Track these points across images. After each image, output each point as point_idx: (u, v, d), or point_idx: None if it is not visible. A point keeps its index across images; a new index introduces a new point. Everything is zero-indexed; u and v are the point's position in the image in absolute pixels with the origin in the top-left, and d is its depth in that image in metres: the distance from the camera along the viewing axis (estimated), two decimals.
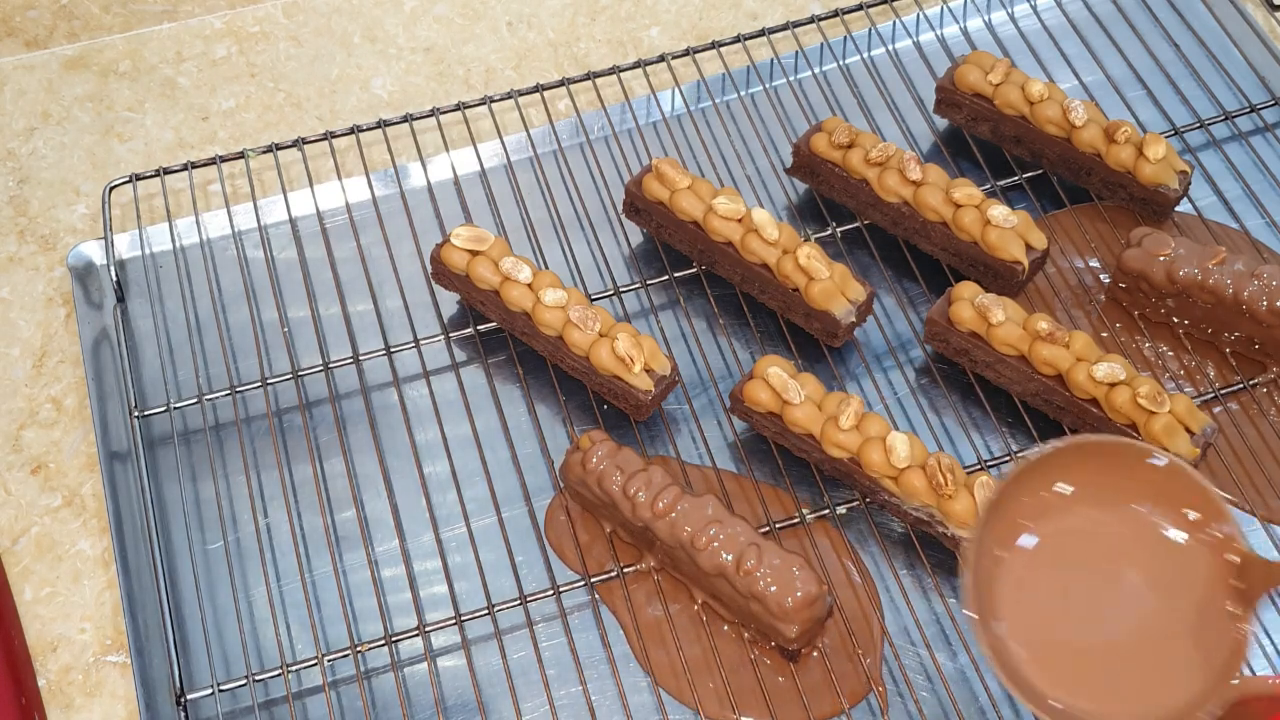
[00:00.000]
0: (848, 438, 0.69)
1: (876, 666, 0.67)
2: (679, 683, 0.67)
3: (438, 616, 0.69)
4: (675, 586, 0.70)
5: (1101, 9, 0.94)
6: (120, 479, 0.74)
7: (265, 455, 0.75)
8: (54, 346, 0.80)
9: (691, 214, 0.78)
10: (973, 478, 0.68)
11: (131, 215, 0.84)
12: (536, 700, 0.67)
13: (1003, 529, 0.57)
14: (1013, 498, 0.57)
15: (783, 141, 0.88)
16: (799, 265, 0.75)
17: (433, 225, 0.82)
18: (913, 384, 0.78)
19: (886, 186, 0.79)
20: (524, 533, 0.72)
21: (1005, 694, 0.67)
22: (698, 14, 0.96)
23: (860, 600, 0.70)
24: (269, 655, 0.69)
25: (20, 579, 0.72)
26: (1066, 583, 0.56)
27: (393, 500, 0.72)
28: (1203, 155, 0.87)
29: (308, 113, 0.91)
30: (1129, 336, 0.78)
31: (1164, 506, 0.56)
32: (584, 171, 0.86)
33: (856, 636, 0.68)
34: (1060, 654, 0.55)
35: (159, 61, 0.93)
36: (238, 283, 0.81)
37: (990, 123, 0.85)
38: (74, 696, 0.68)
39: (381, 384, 0.78)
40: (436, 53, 0.94)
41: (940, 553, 0.71)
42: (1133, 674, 0.55)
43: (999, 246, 0.76)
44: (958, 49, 0.92)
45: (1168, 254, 0.76)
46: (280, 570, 0.71)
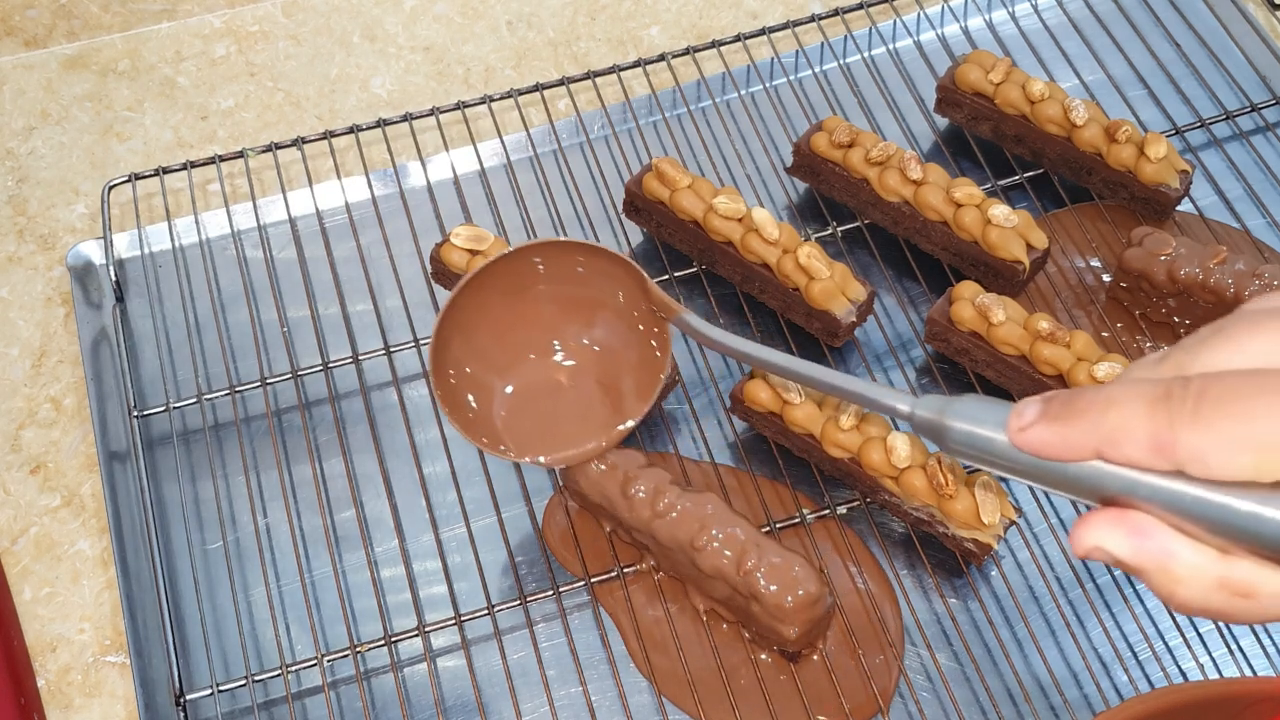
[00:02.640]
0: (848, 437, 0.69)
1: (891, 669, 0.67)
2: (680, 687, 0.67)
3: (437, 617, 0.69)
4: (675, 587, 0.70)
5: (1102, 8, 0.94)
6: (120, 479, 0.74)
7: (265, 455, 0.75)
8: (53, 346, 0.80)
9: (691, 213, 0.78)
10: (973, 477, 0.68)
11: (130, 215, 0.84)
12: (536, 700, 0.67)
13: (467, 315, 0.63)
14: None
15: (783, 141, 0.88)
16: (799, 265, 0.74)
17: (432, 225, 0.82)
18: (913, 384, 0.78)
19: (887, 186, 0.79)
20: (524, 533, 0.72)
21: (1005, 694, 0.67)
22: (698, 13, 0.96)
23: (874, 601, 0.69)
24: (268, 656, 0.69)
25: (19, 579, 0.72)
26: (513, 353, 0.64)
27: (392, 500, 0.72)
28: (1204, 155, 0.87)
29: (307, 112, 0.91)
30: (1130, 336, 0.78)
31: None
32: (584, 171, 0.86)
33: (871, 637, 0.68)
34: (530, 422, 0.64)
35: (158, 61, 0.93)
36: (237, 282, 0.81)
37: (991, 122, 0.85)
38: (73, 697, 0.68)
39: (381, 384, 0.78)
40: (436, 52, 0.94)
41: (940, 552, 0.71)
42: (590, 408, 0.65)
43: (1000, 246, 0.76)
44: (958, 48, 0.92)
45: (1169, 253, 0.76)
46: (280, 570, 0.71)
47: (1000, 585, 0.70)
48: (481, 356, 0.63)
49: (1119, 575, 0.70)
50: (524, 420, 0.64)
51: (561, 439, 0.64)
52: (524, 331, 0.64)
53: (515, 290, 0.63)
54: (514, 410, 0.64)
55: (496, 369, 0.64)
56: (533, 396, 0.64)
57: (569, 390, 0.65)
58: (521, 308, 0.63)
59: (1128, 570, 0.37)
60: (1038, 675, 0.68)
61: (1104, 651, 0.68)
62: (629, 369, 0.64)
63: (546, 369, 0.65)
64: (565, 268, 0.62)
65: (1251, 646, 0.68)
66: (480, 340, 0.63)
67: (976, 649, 0.69)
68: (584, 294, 0.63)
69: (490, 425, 0.63)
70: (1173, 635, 0.69)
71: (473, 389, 0.63)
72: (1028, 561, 0.71)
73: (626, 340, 0.64)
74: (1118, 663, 0.68)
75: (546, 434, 0.64)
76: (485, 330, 0.63)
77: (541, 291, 0.63)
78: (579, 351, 0.65)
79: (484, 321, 0.63)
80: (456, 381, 0.63)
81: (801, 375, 0.54)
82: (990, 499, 0.67)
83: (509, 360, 0.64)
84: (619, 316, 0.63)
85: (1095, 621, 0.69)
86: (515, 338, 0.64)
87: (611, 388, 0.65)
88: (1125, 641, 0.69)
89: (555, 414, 0.64)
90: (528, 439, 0.64)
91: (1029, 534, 0.71)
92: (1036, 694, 0.67)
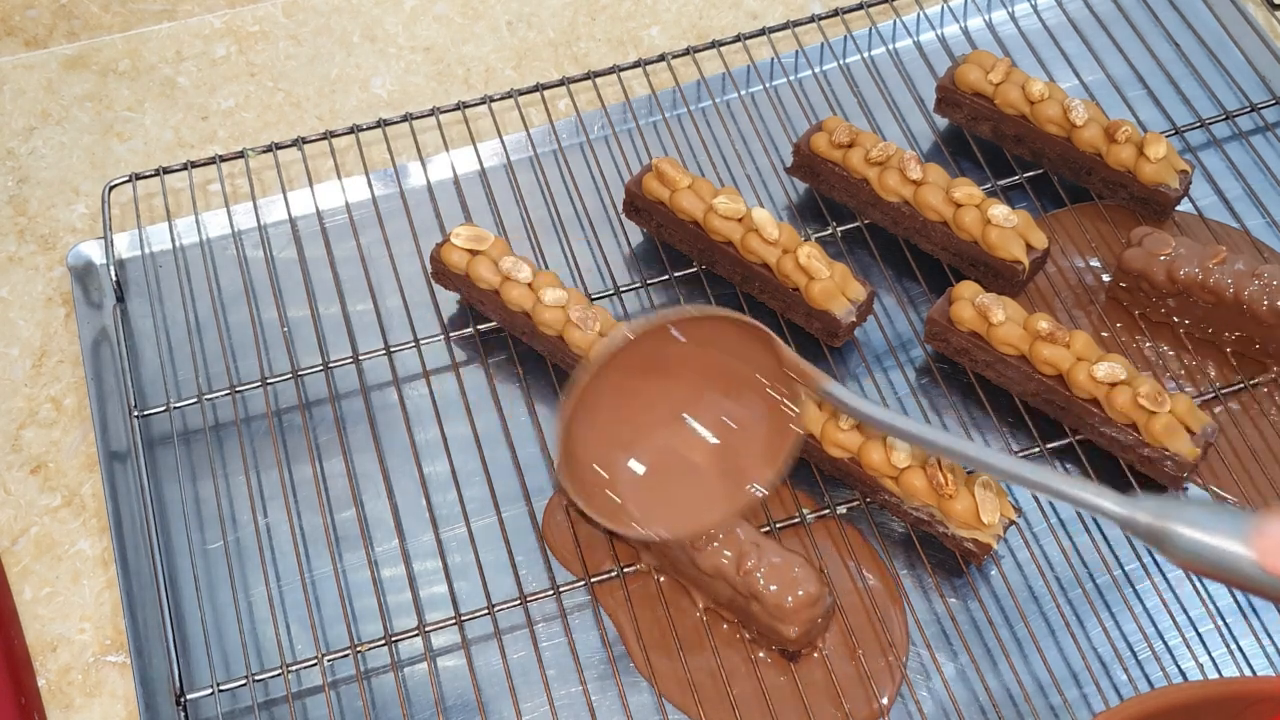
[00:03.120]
0: (848, 437, 0.69)
1: (894, 674, 0.67)
2: (679, 687, 0.67)
3: (438, 616, 0.69)
4: (675, 587, 0.70)
5: (1102, 8, 0.94)
6: (120, 479, 0.74)
7: (265, 455, 0.75)
8: (53, 346, 0.80)
9: (692, 213, 0.78)
10: (973, 477, 0.68)
11: (131, 215, 0.84)
12: (536, 700, 0.67)
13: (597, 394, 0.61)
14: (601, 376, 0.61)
15: (783, 141, 0.88)
16: (799, 265, 0.75)
17: (432, 225, 0.82)
18: (913, 384, 0.78)
19: (887, 186, 0.79)
20: (524, 533, 0.72)
21: (1005, 694, 0.67)
22: (698, 13, 0.96)
23: (877, 602, 0.69)
24: (269, 655, 0.69)
25: (20, 579, 0.72)
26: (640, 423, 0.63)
27: (392, 500, 0.72)
28: (1203, 155, 0.87)
29: (307, 112, 0.91)
30: (1129, 336, 0.78)
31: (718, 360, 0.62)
32: (584, 171, 0.86)
33: (872, 638, 0.68)
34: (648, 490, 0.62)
35: (158, 61, 0.93)
36: (237, 282, 0.81)
37: (991, 122, 0.85)
38: (74, 696, 0.68)
39: (381, 384, 0.78)
40: (436, 52, 0.94)
41: (940, 552, 0.71)
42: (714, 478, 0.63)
43: (999, 246, 0.76)
44: (958, 48, 0.92)
45: (1168, 253, 0.76)
46: (280, 570, 0.71)
47: (1000, 585, 0.71)
48: (607, 434, 0.62)
49: (1119, 575, 0.70)
50: (651, 493, 0.62)
51: (689, 509, 0.63)
52: (650, 406, 0.63)
53: (642, 366, 0.61)
54: (640, 485, 0.63)
55: (622, 444, 0.63)
56: (660, 469, 0.63)
57: (696, 459, 0.63)
58: (648, 383, 0.62)
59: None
60: (1037, 675, 0.68)
61: (1104, 651, 0.68)
62: (758, 434, 0.63)
63: (674, 441, 0.63)
64: (695, 338, 0.61)
65: (1251, 646, 0.68)
66: (604, 418, 0.61)
67: (976, 649, 0.69)
68: (714, 363, 0.62)
69: (616, 500, 0.62)
70: (1172, 635, 0.69)
71: (600, 466, 0.62)
72: (1027, 561, 0.71)
73: (755, 405, 0.62)
74: (1117, 663, 0.68)
75: (673, 505, 0.63)
76: (610, 408, 0.61)
77: (670, 365, 0.62)
78: (707, 420, 0.63)
79: (609, 400, 0.61)
80: (583, 462, 0.61)
81: (978, 461, 0.52)
82: (990, 499, 0.67)
83: (635, 435, 0.63)
84: (748, 383, 0.62)
85: (1095, 621, 0.69)
86: (641, 414, 0.62)
87: (739, 454, 0.63)
88: (1125, 641, 0.69)
89: (682, 485, 0.63)
90: (654, 511, 0.62)
91: (1029, 534, 0.72)
92: (1036, 694, 0.67)
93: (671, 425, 0.63)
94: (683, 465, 0.63)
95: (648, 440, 0.63)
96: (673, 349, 0.61)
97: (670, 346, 0.61)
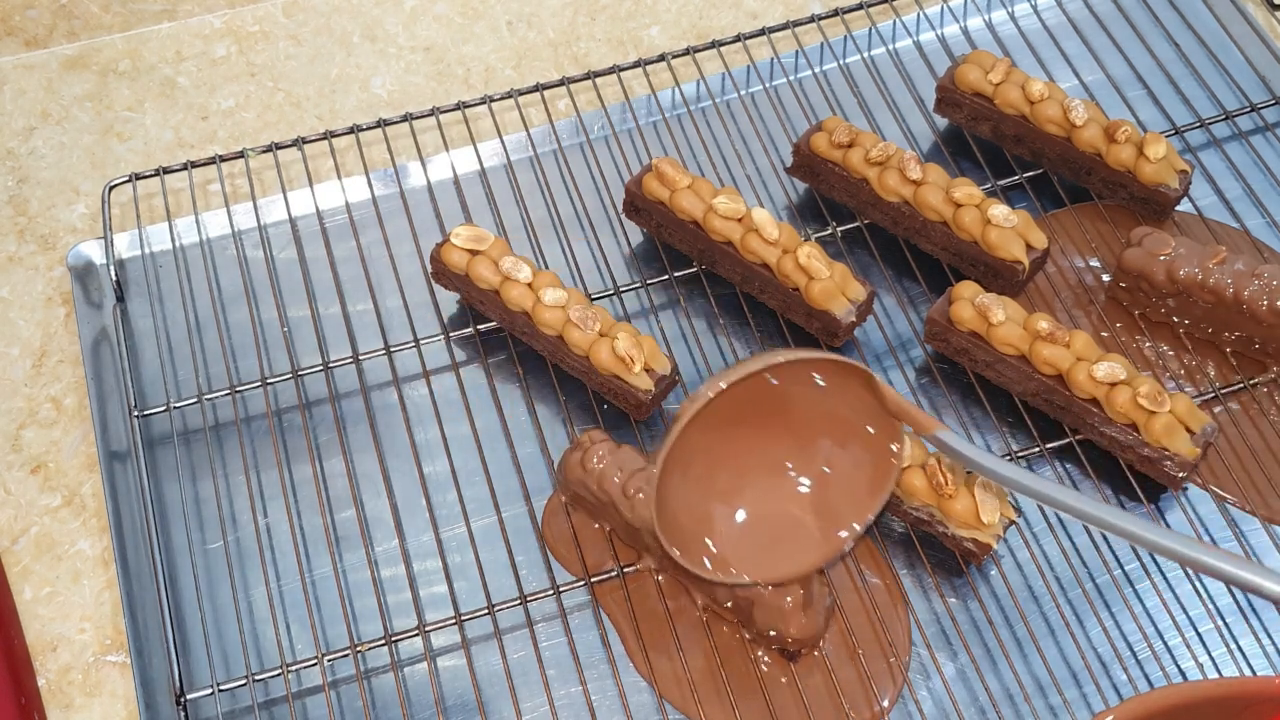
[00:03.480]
0: None
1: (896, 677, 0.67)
2: (679, 688, 0.67)
3: (437, 616, 0.69)
4: (675, 587, 0.70)
5: (1102, 8, 0.94)
6: (120, 479, 0.74)
7: (265, 455, 0.75)
8: (53, 346, 0.80)
9: (691, 213, 0.78)
10: (973, 477, 0.68)
11: (131, 215, 0.84)
12: (536, 700, 0.67)
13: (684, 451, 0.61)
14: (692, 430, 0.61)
15: (783, 141, 0.88)
16: (799, 265, 0.75)
17: (432, 225, 0.82)
18: (913, 384, 0.78)
19: (887, 186, 0.79)
20: (524, 532, 0.72)
21: (1005, 694, 0.67)
22: (698, 13, 0.96)
23: (879, 605, 0.69)
24: (269, 655, 0.69)
25: (20, 579, 0.72)
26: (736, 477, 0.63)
27: (392, 500, 0.72)
28: (1203, 155, 0.87)
29: (307, 112, 0.91)
30: (1129, 336, 0.78)
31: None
32: (584, 171, 0.86)
33: (872, 638, 0.68)
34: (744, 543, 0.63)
35: (158, 61, 0.93)
36: (237, 282, 0.81)
37: (990, 122, 0.85)
38: (74, 696, 0.68)
39: (381, 384, 0.78)
40: (436, 52, 0.94)
41: (940, 552, 0.71)
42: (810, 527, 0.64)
43: (999, 246, 0.76)
44: (958, 48, 0.92)
45: (1168, 253, 0.76)
46: (280, 570, 0.71)
47: (1000, 585, 0.71)
48: (701, 484, 0.62)
49: (1119, 575, 0.70)
50: (746, 541, 0.63)
51: (786, 555, 0.63)
52: (745, 454, 0.63)
53: (735, 414, 0.61)
54: (736, 533, 0.63)
55: (718, 494, 0.63)
56: (756, 517, 0.63)
57: (792, 506, 0.64)
58: (741, 430, 0.62)
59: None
60: (1037, 675, 0.68)
61: (1104, 651, 0.68)
62: (856, 476, 0.63)
63: (769, 488, 0.64)
64: (789, 384, 0.61)
65: (1251, 646, 0.68)
66: (698, 468, 0.62)
67: (976, 649, 0.69)
68: (812, 408, 0.62)
69: (712, 548, 0.63)
70: (1172, 635, 0.69)
71: (699, 518, 0.63)
72: (1027, 561, 0.71)
73: (853, 448, 0.63)
74: (1117, 662, 0.68)
75: (770, 552, 0.63)
76: (704, 458, 0.61)
77: (764, 410, 0.62)
78: (803, 467, 0.64)
79: (703, 449, 0.61)
80: (677, 513, 0.62)
81: (1121, 529, 0.53)
82: (990, 499, 0.67)
83: (730, 484, 0.63)
84: (849, 428, 0.62)
85: (1095, 621, 0.69)
86: (736, 461, 0.63)
87: (836, 498, 0.64)
88: (1125, 641, 0.69)
89: (779, 531, 0.63)
90: (751, 559, 0.63)
91: (1029, 534, 0.72)
92: (1036, 694, 0.67)
93: (767, 473, 0.63)
94: (779, 512, 0.63)
95: (743, 489, 0.63)
96: (767, 394, 0.61)
97: (765, 392, 0.61)
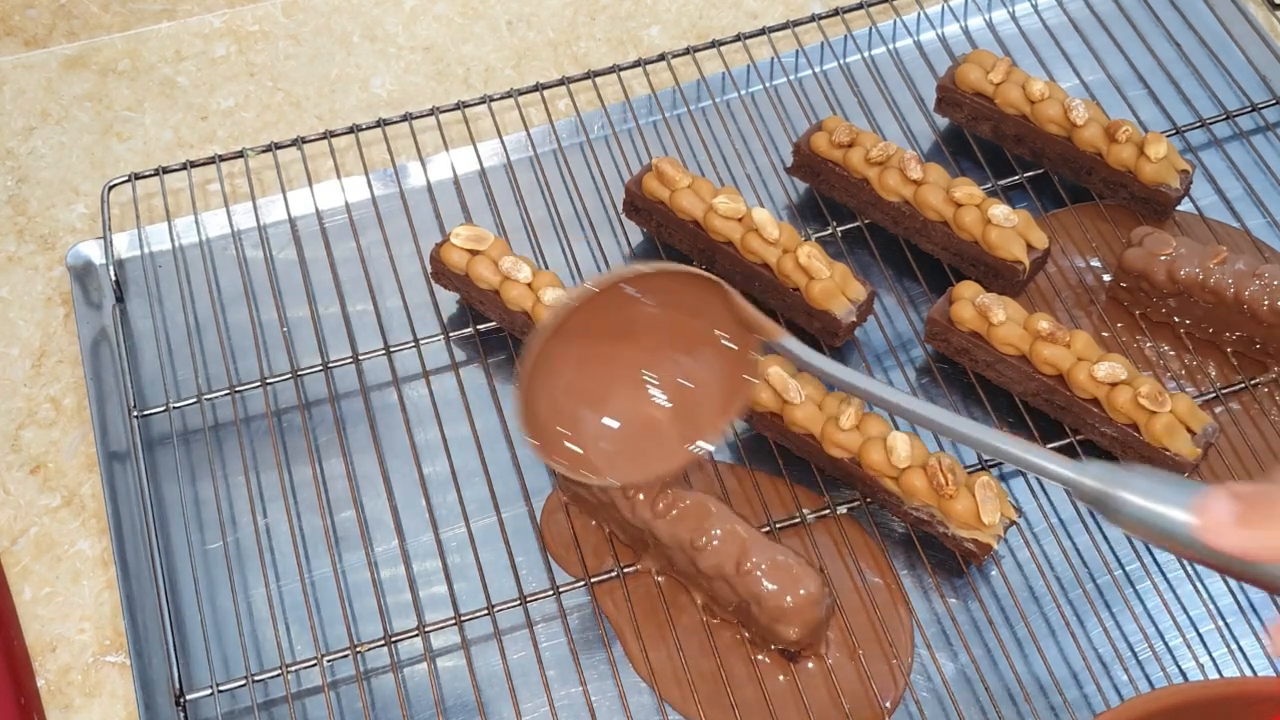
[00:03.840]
0: (848, 438, 0.69)
1: (898, 680, 0.67)
2: (679, 688, 0.67)
3: (437, 617, 0.69)
4: (675, 587, 0.70)
5: (1103, 8, 0.94)
6: (119, 479, 0.74)
7: (264, 455, 0.75)
8: (53, 346, 0.80)
9: (691, 213, 0.78)
10: (973, 478, 0.68)
11: (130, 215, 0.84)
12: (536, 700, 0.67)
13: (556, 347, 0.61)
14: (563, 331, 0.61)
15: (783, 141, 0.88)
16: (799, 265, 0.74)
17: (432, 225, 0.82)
18: (913, 384, 0.78)
19: (887, 186, 0.79)
20: (524, 533, 0.72)
21: (1005, 694, 0.67)
22: (698, 13, 0.96)
23: (880, 606, 0.69)
24: (268, 656, 0.69)
25: (20, 579, 0.72)
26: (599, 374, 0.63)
27: (392, 500, 0.72)
28: (1204, 154, 0.87)
29: (307, 112, 0.91)
30: (1130, 336, 0.78)
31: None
32: (584, 171, 0.86)
33: (873, 639, 0.68)
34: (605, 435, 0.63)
35: (158, 61, 0.93)
36: (237, 282, 0.81)
37: (991, 122, 0.85)
38: (73, 697, 0.68)
39: (381, 384, 0.78)
40: (436, 52, 0.94)
41: (940, 553, 0.71)
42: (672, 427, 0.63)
43: (1000, 246, 0.76)
44: (958, 48, 0.92)
45: (1169, 253, 0.76)
46: (280, 571, 0.71)
47: (1000, 585, 0.70)
48: (565, 388, 0.62)
49: (1119, 575, 0.70)
50: (608, 445, 0.63)
51: (645, 459, 0.63)
52: (608, 361, 0.63)
53: (600, 324, 0.61)
54: (598, 436, 0.63)
55: (581, 398, 0.63)
56: (617, 422, 0.63)
57: (652, 412, 0.63)
58: (605, 338, 0.62)
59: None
60: (1038, 675, 0.68)
61: (1104, 651, 0.68)
62: (714, 386, 0.63)
63: (631, 394, 0.64)
64: (651, 295, 0.61)
65: (1251, 646, 0.68)
66: (563, 373, 0.62)
67: (976, 649, 0.69)
68: (671, 319, 0.62)
69: (576, 451, 0.63)
70: (1173, 635, 0.69)
71: (559, 420, 0.62)
72: (1028, 561, 0.71)
73: (712, 360, 0.63)
74: (1118, 663, 0.68)
75: (630, 455, 0.63)
76: (568, 363, 0.62)
77: (626, 320, 0.62)
78: (664, 374, 0.64)
79: (567, 355, 0.61)
80: (543, 415, 0.62)
81: (928, 419, 0.52)
82: (990, 499, 0.67)
83: (593, 389, 0.63)
84: (706, 338, 0.62)
85: (1095, 621, 0.69)
86: (599, 368, 0.63)
87: (695, 406, 0.63)
88: (1125, 641, 0.69)
89: (639, 436, 0.63)
90: (612, 461, 0.63)
91: (1029, 534, 0.71)
92: (1036, 694, 0.67)
93: (629, 379, 0.63)
94: (639, 418, 0.63)
95: (605, 394, 0.63)
96: (628, 305, 0.61)
97: (626, 303, 0.61)
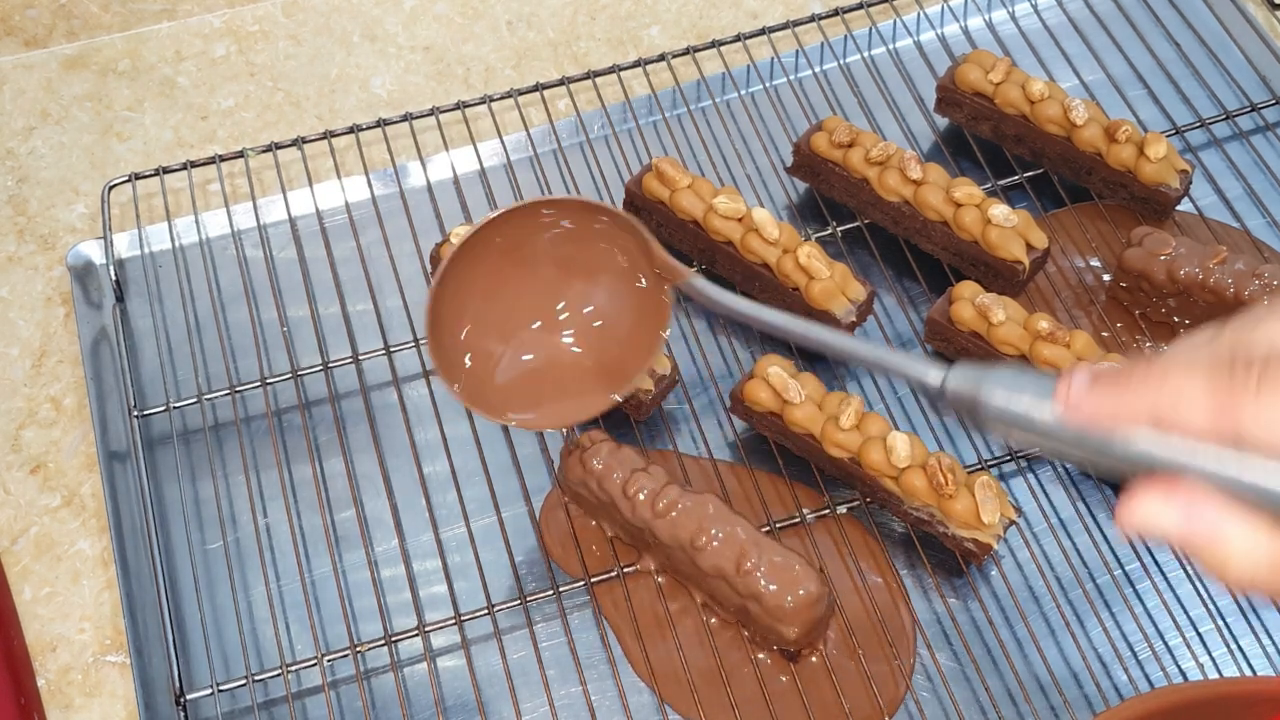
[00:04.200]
0: (848, 437, 0.69)
1: (899, 681, 0.67)
2: (679, 688, 0.67)
3: (437, 616, 0.69)
4: (675, 587, 0.70)
5: (1102, 8, 0.94)
6: (120, 479, 0.74)
7: (265, 455, 0.75)
8: (53, 346, 0.80)
9: (691, 213, 0.78)
10: (973, 477, 0.68)
11: (130, 215, 0.84)
12: (536, 700, 0.67)
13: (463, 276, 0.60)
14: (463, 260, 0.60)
15: (783, 141, 0.88)
16: (799, 265, 0.74)
17: (432, 224, 0.82)
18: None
19: (887, 186, 0.79)
20: (524, 533, 0.72)
21: (1005, 694, 0.67)
22: (698, 13, 0.96)
23: (880, 606, 0.69)
24: (268, 655, 0.69)
25: (20, 579, 0.72)
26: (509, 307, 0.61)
27: (392, 500, 0.72)
28: (1204, 154, 0.87)
29: (307, 112, 0.91)
30: (1130, 336, 0.78)
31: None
32: (584, 171, 0.86)
33: (873, 639, 0.68)
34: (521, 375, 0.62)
35: (158, 61, 0.93)
36: (237, 282, 0.81)
37: (991, 122, 0.85)
38: (73, 696, 0.68)
39: (381, 383, 0.78)
40: (436, 52, 0.94)
41: (940, 552, 0.71)
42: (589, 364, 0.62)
43: (999, 246, 0.76)
44: (958, 48, 0.92)
45: (1169, 253, 0.76)
46: (280, 570, 0.71)
47: (1000, 585, 0.70)
48: (476, 316, 0.61)
49: (1119, 575, 0.70)
50: (515, 382, 0.62)
51: (551, 403, 0.62)
52: (520, 293, 0.62)
53: (513, 250, 0.60)
54: (505, 372, 0.62)
55: (492, 330, 0.62)
56: (526, 359, 0.62)
57: (561, 354, 0.62)
58: (518, 268, 0.61)
59: (1177, 545, 0.36)
60: (1038, 675, 0.68)
61: (1104, 651, 0.68)
62: (628, 333, 0.62)
63: (542, 331, 0.62)
64: (566, 227, 0.60)
65: (1251, 646, 0.68)
66: (475, 300, 0.61)
67: (976, 649, 0.69)
68: (586, 254, 0.61)
69: (482, 386, 0.61)
70: (1173, 635, 0.69)
71: (467, 349, 0.61)
72: (1028, 561, 0.71)
73: (627, 303, 0.61)
74: (1118, 663, 0.68)
75: (536, 397, 0.62)
76: (481, 290, 0.60)
77: (541, 252, 0.61)
78: (576, 313, 0.62)
79: (480, 280, 0.60)
80: (451, 341, 0.60)
81: (819, 341, 0.51)
82: (990, 499, 0.67)
83: (504, 321, 0.62)
84: (621, 279, 0.61)
85: (1095, 621, 0.69)
86: (511, 299, 0.61)
87: (608, 351, 0.62)
88: (1125, 641, 0.69)
89: (547, 377, 0.62)
90: (517, 401, 0.61)
91: (1029, 534, 0.71)
92: (1036, 694, 0.67)
93: (541, 312, 0.62)
94: (550, 354, 0.62)
95: (516, 326, 0.62)
96: (545, 234, 0.60)
97: (542, 231, 0.60)
